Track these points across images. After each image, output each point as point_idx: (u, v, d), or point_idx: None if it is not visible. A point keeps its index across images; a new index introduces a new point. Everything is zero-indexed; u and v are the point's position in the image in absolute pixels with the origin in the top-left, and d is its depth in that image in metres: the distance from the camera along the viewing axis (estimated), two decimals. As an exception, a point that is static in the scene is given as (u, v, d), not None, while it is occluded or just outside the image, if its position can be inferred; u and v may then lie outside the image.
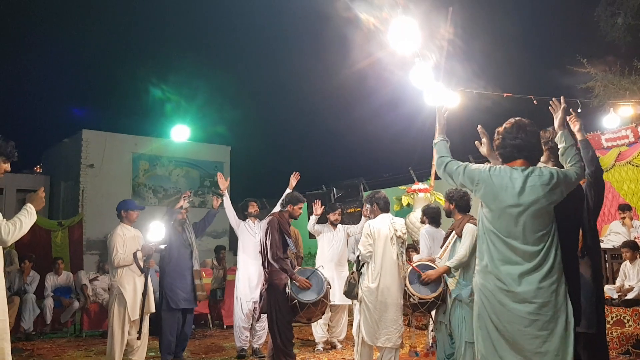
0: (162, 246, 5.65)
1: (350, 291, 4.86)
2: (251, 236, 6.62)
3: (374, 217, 4.95)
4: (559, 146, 3.12)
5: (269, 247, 5.04)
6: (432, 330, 5.86)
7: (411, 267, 4.96)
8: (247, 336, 6.50)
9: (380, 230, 4.74)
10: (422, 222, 6.50)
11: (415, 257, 6.36)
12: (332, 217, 7.02)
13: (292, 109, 26.97)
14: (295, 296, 4.92)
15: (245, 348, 6.49)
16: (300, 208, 5.45)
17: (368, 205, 5.07)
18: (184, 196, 6.48)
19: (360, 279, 4.75)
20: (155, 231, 5.50)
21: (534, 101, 8.23)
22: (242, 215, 6.74)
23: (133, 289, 5.40)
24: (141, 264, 5.47)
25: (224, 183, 6.79)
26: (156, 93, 20.68)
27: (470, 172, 3.00)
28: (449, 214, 5.07)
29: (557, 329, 2.77)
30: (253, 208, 6.81)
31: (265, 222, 5.28)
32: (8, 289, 4.57)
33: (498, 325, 2.84)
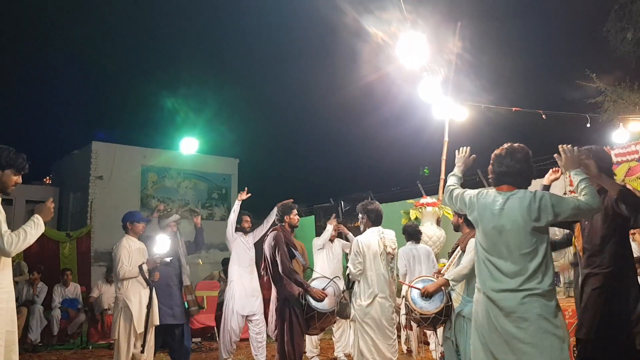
0: (168, 259, 5.69)
1: (342, 311, 4.78)
2: (247, 249, 6.70)
3: (364, 229, 4.86)
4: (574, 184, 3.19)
5: (279, 261, 4.95)
6: (441, 345, 5.81)
7: (415, 281, 5.00)
8: (235, 348, 6.49)
9: (369, 246, 4.63)
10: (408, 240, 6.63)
11: (401, 277, 6.43)
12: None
13: (300, 121, 27.10)
14: (314, 307, 4.83)
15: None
16: (295, 214, 5.43)
17: (360, 215, 4.98)
18: (159, 209, 6.35)
19: (352, 298, 4.65)
20: (161, 244, 5.54)
21: (543, 116, 8.21)
22: (236, 228, 6.73)
23: (139, 302, 5.37)
24: (147, 276, 5.47)
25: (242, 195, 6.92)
26: (165, 105, 20.85)
27: (464, 197, 3.38)
28: (457, 228, 5.08)
29: (544, 348, 2.85)
30: (247, 223, 6.84)
31: (270, 237, 5.20)
32: (16, 299, 4.58)
33: (488, 340, 3.01)
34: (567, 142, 3.38)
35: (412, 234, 6.48)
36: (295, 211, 5.44)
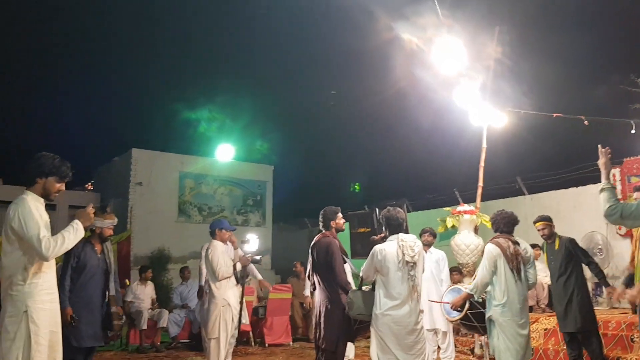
0: (258, 257, 6.08)
1: (349, 309, 4.61)
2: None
3: (385, 240, 4.65)
4: None
5: (336, 272, 4.79)
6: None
7: (447, 290, 5.32)
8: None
9: (385, 255, 4.40)
10: None
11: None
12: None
13: (334, 128, 27.07)
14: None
15: None
16: (340, 218, 5.17)
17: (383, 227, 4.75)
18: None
19: (373, 307, 4.43)
20: (252, 243, 6.03)
21: (585, 121, 7.99)
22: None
23: (235, 300, 5.85)
24: (238, 274, 5.93)
25: None
26: (202, 113, 21.14)
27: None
28: None
29: None
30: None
31: (324, 244, 4.94)
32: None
33: None
34: (611, 149, 3.28)
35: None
36: (340, 215, 5.18)
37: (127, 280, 9.15)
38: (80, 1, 23.65)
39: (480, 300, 4.94)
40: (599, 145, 3.64)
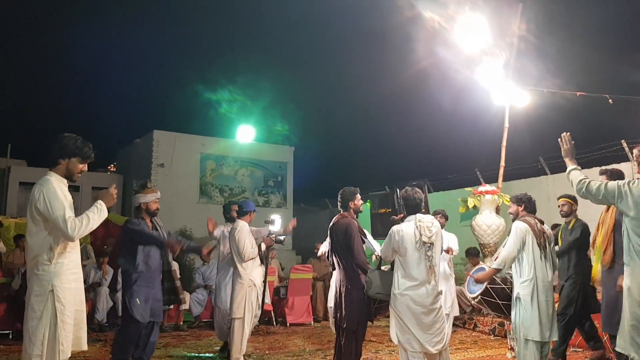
0: (282, 237, 6.12)
1: (368, 289, 4.64)
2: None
3: (404, 220, 4.63)
4: None
5: (355, 252, 4.82)
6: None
7: (473, 270, 5.36)
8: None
9: (403, 236, 4.39)
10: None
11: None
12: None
13: (355, 109, 26.94)
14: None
15: None
16: (359, 199, 5.18)
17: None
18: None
19: (392, 288, 4.44)
20: (277, 223, 6.01)
21: (610, 100, 7.82)
22: (226, 218, 6.66)
23: (260, 279, 5.96)
24: (262, 254, 6.00)
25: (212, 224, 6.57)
26: (223, 94, 21.20)
27: (609, 187, 3.57)
28: (516, 218, 4.98)
29: None
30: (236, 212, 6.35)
31: (342, 225, 4.95)
32: (84, 282, 4.71)
33: None
34: (635, 128, 3.28)
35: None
36: (358, 195, 5.19)
37: None
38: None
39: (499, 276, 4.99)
40: (562, 134, 3.96)
